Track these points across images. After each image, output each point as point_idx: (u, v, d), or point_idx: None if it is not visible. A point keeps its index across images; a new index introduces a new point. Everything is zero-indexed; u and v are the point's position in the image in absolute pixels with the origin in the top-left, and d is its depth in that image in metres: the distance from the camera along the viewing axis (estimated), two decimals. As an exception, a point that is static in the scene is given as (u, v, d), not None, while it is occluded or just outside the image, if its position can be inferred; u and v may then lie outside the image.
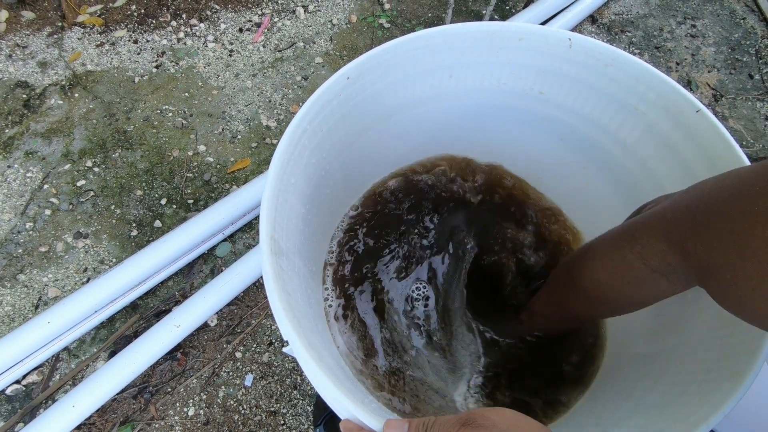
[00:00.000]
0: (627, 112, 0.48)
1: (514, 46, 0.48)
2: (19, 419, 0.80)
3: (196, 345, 0.87)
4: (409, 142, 0.60)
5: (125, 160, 1.05)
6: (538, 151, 0.60)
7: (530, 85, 0.52)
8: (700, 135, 0.43)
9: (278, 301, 0.35)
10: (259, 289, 0.92)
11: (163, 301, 0.91)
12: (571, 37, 0.46)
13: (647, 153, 0.49)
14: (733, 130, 1.17)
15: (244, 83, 1.18)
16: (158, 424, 0.80)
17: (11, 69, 1.17)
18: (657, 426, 0.34)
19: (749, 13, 1.40)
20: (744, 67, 1.28)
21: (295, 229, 0.45)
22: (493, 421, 0.29)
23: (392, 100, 0.52)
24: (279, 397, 0.83)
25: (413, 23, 1.32)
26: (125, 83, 1.16)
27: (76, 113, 1.11)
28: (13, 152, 1.06)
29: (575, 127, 0.54)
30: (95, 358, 0.85)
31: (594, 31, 1.33)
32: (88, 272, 0.93)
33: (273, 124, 1.12)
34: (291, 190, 0.43)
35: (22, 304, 0.90)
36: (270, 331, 0.89)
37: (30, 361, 0.81)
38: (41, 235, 0.96)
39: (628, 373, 0.47)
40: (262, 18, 1.29)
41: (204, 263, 0.95)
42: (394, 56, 0.47)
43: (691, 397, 0.35)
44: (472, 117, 0.58)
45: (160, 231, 0.97)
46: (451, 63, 0.50)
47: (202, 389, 0.83)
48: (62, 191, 1.01)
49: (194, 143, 1.08)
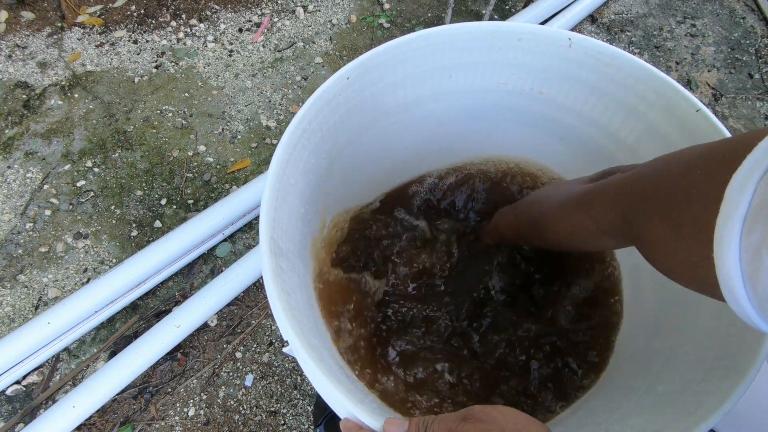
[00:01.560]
0: (627, 112, 0.48)
1: (514, 46, 0.48)
2: (20, 420, 0.80)
3: (196, 345, 0.87)
4: (408, 142, 0.59)
5: (125, 161, 1.05)
6: (538, 151, 0.60)
7: (530, 85, 0.52)
8: (700, 134, 0.43)
9: (278, 301, 0.35)
10: (259, 290, 0.92)
11: (163, 301, 0.91)
12: (571, 36, 0.46)
13: (647, 153, 0.49)
14: (733, 129, 1.17)
15: (244, 83, 1.18)
16: (158, 424, 0.80)
17: (11, 69, 1.17)
18: (657, 425, 0.34)
19: (749, 12, 1.40)
20: (744, 66, 1.28)
21: (295, 230, 0.45)
22: (492, 416, 0.29)
23: (392, 100, 0.52)
24: (279, 397, 0.83)
25: (413, 23, 1.32)
26: (125, 83, 1.16)
27: (75, 113, 1.11)
28: (13, 153, 1.06)
29: (575, 127, 0.54)
30: (95, 358, 0.85)
31: (594, 31, 1.33)
32: (88, 273, 0.93)
33: (273, 124, 1.12)
34: (290, 190, 0.43)
35: (22, 304, 0.90)
36: (270, 331, 0.89)
37: (30, 362, 0.81)
38: (41, 236, 0.96)
39: (628, 372, 0.47)
40: (261, 18, 1.29)
41: (204, 263, 0.95)
42: (394, 56, 0.47)
43: (691, 396, 0.35)
44: (472, 117, 0.58)
45: (160, 231, 0.97)
46: (450, 63, 0.50)
47: (202, 389, 0.83)
48: (62, 192, 1.01)
49: (194, 143, 1.08)
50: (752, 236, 0.21)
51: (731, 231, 0.22)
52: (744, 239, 0.21)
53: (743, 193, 0.21)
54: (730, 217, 0.22)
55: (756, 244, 0.21)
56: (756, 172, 0.22)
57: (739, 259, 0.21)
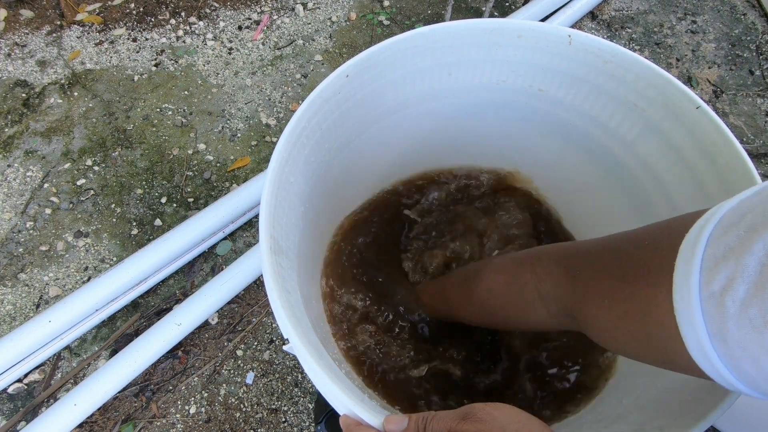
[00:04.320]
0: (627, 109, 0.48)
1: (514, 43, 0.48)
2: (21, 418, 0.80)
3: (197, 343, 0.87)
4: (408, 139, 0.59)
5: (125, 159, 1.05)
6: (537, 149, 0.60)
7: (529, 82, 0.52)
8: (700, 131, 0.43)
9: (278, 299, 0.35)
10: (260, 288, 0.92)
11: (164, 299, 0.91)
12: (571, 33, 0.46)
13: (647, 150, 0.48)
14: (733, 126, 1.16)
15: (244, 81, 1.17)
16: (160, 422, 0.81)
17: (10, 68, 1.17)
18: (657, 423, 0.34)
19: (750, 8, 1.39)
20: (744, 63, 1.28)
21: (295, 228, 0.45)
22: (493, 415, 0.29)
23: (391, 97, 0.52)
24: (280, 395, 0.83)
25: (413, 20, 1.32)
26: (124, 82, 1.16)
27: (75, 112, 1.11)
28: (13, 151, 1.06)
29: (575, 125, 0.54)
30: (96, 356, 0.85)
31: (594, 28, 1.33)
32: (88, 271, 0.93)
33: (273, 122, 1.12)
34: (290, 188, 0.43)
35: (24, 303, 0.90)
36: (271, 329, 0.89)
37: (31, 360, 0.81)
38: (42, 234, 0.96)
39: (628, 370, 0.47)
40: (261, 16, 1.29)
41: (204, 262, 0.95)
42: (394, 54, 0.47)
43: (691, 394, 0.35)
44: (471, 114, 0.57)
45: (160, 230, 0.97)
46: (450, 60, 0.50)
47: (203, 387, 0.83)
48: (62, 190, 1.01)
49: (194, 141, 1.08)
50: (713, 285, 0.20)
51: (689, 284, 0.21)
52: (704, 290, 0.21)
53: (696, 246, 0.21)
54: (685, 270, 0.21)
55: (719, 291, 0.20)
56: (707, 226, 0.22)
57: (702, 313, 0.21)
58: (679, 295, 0.22)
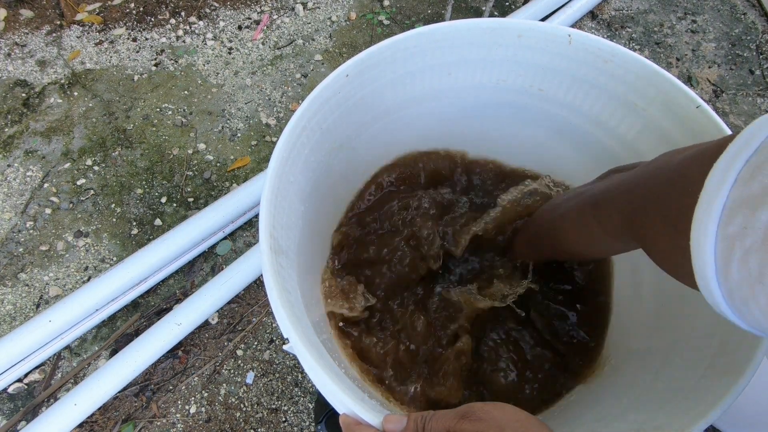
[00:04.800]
0: (627, 109, 0.48)
1: (514, 43, 0.48)
2: (21, 417, 0.80)
3: (197, 343, 0.87)
4: (408, 139, 0.59)
5: (125, 159, 1.05)
6: (538, 148, 0.60)
7: (530, 82, 0.52)
8: (700, 131, 0.43)
9: (278, 298, 0.35)
10: (260, 287, 0.92)
11: (164, 299, 0.91)
12: (571, 33, 0.46)
13: (647, 149, 0.49)
14: (733, 125, 1.16)
15: (244, 81, 1.17)
16: (160, 421, 0.81)
17: (10, 68, 1.17)
18: (656, 421, 0.34)
19: (750, 8, 1.39)
20: (744, 62, 1.28)
21: (295, 227, 0.45)
22: (492, 414, 0.29)
23: (391, 97, 0.52)
24: (280, 395, 0.83)
25: (413, 20, 1.32)
26: (124, 81, 1.16)
27: (75, 112, 1.11)
28: (13, 151, 1.06)
29: (575, 124, 0.54)
30: (97, 356, 0.85)
31: (594, 27, 1.33)
32: (89, 271, 0.93)
33: (272, 122, 1.12)
34: (290, 188, 0.43)
35: (24, 303, 0.90)
36: (271, 329, 0.89)
37: (32, 360, 0.81)
38: (42, 234, 0.96)
39: (628, 369, 0.47)
40: (261, 15, 1.29)
41: (204, 261, 0.95)
42: (394, 53, 0.47)
43: (690, 393, 0.35)
44: (472, 114, 0.57)
45: (160, 229, 0.97)
46: (450, 60, 0.50)
47: (203, 387, 0.83)
48: (62, 190, 1.01)
49: (194, 141, 1.08)
50: (729, 227, 0.21)
51: (708, 221, 0.22)
52: (721, 230, 0.21)
53: (722, 184, 0.21)
54: (707, 208, 0.22)
55: (732, 235, 0.21)
56: (737, 162, 0.22)
57: (714, 249, 0.22)
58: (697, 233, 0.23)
